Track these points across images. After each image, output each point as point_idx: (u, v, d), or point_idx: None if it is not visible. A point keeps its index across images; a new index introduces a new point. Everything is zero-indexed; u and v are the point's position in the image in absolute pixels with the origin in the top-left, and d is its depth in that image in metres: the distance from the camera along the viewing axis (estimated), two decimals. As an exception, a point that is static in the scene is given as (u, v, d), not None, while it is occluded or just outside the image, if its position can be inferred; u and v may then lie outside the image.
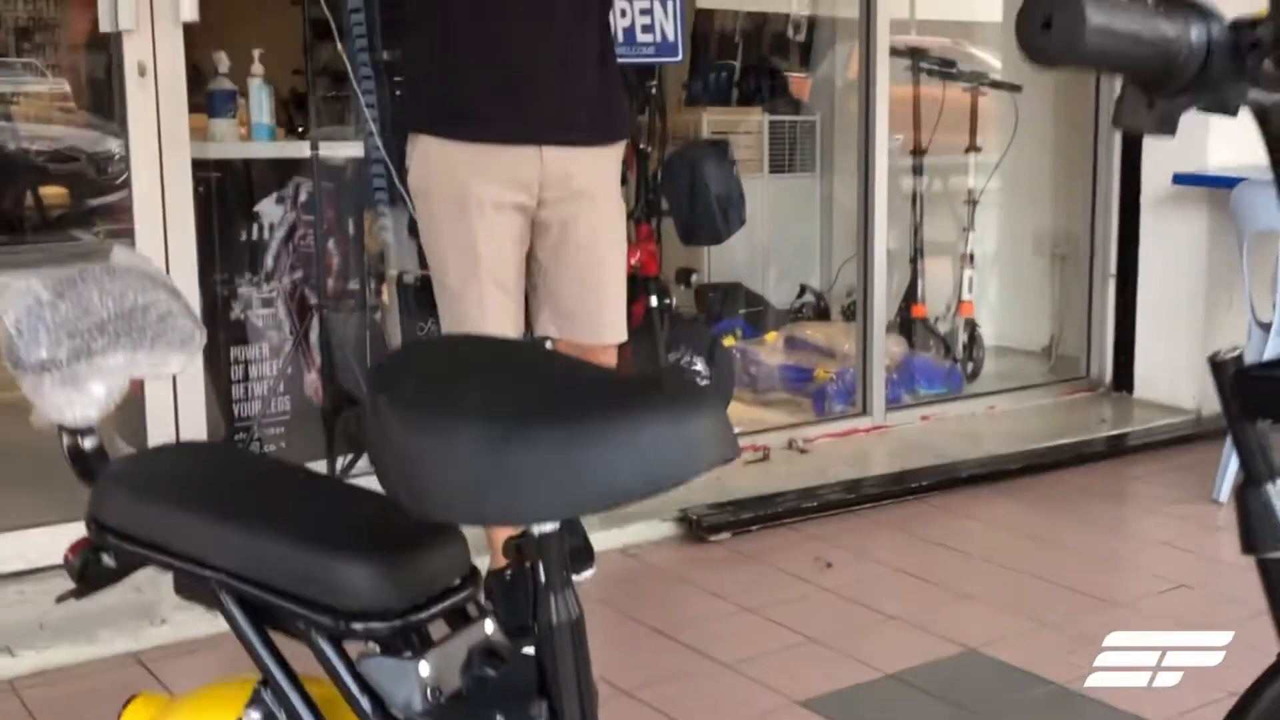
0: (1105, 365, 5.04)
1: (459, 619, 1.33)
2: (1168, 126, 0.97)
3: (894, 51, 4.87)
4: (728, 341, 4.89)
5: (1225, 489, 3.84)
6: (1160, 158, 4.65)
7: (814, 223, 5.89)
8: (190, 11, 3.12)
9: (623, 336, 2.88)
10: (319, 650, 1.28)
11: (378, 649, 1.28)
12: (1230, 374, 1.08)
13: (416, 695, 1.25)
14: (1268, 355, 3.79)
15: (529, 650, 1.24)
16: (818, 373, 4.79)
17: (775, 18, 6.75)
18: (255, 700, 1.33)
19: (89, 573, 1.41)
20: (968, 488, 4.07)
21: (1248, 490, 1.09)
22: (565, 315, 2.82)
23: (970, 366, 5.20)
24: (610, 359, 2.85)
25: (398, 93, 4.46)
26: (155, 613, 2.85)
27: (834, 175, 5.65)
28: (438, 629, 1.32)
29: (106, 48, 3.27)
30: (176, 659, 2.79)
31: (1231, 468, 3.83)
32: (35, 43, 5.44)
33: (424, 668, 1.26)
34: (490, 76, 2.68)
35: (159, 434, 3.18)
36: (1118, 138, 4.93)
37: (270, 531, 1.29)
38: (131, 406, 3.17)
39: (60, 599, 1.46)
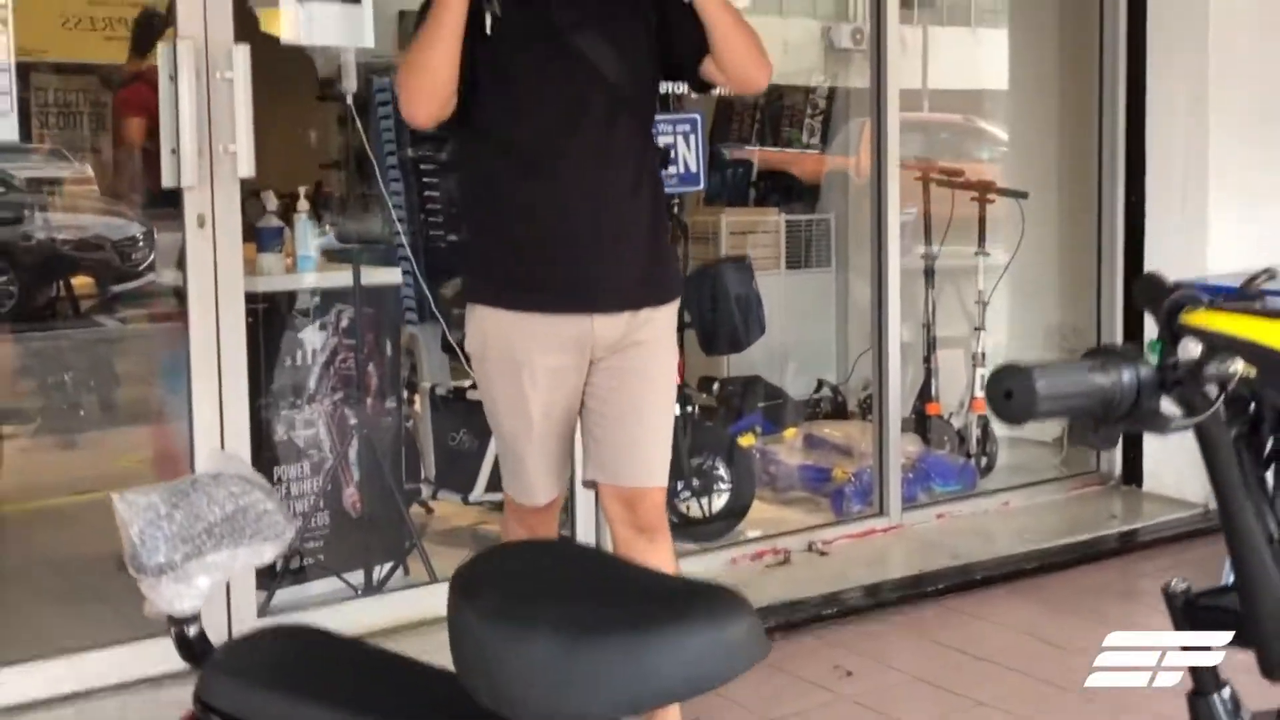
0: (1114, 459, 5.22)
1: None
2: (1110, 443, 1.18)
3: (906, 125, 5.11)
4: (747, 440, 5.07)
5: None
6: (1160, 262, 4.85)
7: (830, 317, 6.10)
8: (247, 168, 3.35)
9: (664, 481, 2.88)
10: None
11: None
12: (1180, 605, 1.27)
13: None
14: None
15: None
16: (836, 473, 4.97)
17: (792, 91, 7.01)
18: None
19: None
20: (983, 589, 4.24)
21: (1197, 700, 1.27)
22: (611, 461, 2.82)
23: (984, 461, 5.37)
24: (655, 501, 2.85)
25: (425, 193, 4.72)
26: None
27: (849, 271, 5.87)
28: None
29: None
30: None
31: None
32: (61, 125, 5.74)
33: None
34: (542, 246, 2.71)
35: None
36: (1120, 240, 5.14)
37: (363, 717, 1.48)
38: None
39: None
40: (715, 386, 5.27)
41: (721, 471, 4.68)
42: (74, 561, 4.28)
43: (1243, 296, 1.36)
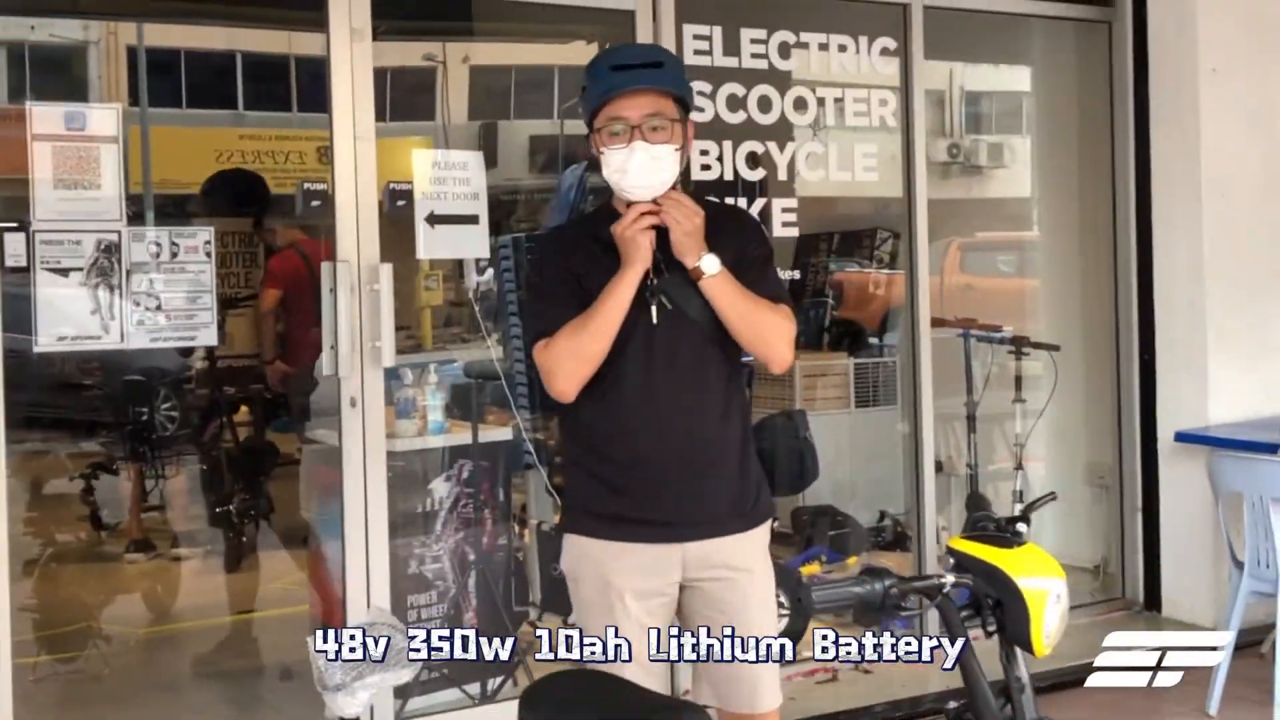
0: (1138, 587, 5.88)
1: None
2: (872, 624, 2.01)
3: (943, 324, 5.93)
4: (812, 569, 5.82)
5: (1215, 702, 4.66)
6: (1168, 413, 5.58)
7: (896, 453, 6.84)
8: (389, 360, 4.28)
9: (779, 700, 2.95)
10: None
11: None
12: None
13: None
14: (1242, 591, 4.66)
15: None
16: (886, 598, 5.69)
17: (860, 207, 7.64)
18: None
19: None
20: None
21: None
22: (721, 685, 2.90)
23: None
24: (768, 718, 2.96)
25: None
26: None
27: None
28: None
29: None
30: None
31: (1220, 683, 4.66)
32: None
33: None
34: (631, 479, 2.84)
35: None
36: (1137, 392, 5.85)
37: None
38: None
39: None
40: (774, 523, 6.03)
41: (783, 600, 5.43)
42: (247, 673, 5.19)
43: (998, 528, 2.18)
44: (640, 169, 2.84)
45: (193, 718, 4.62)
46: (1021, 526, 2.56)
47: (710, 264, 2.85)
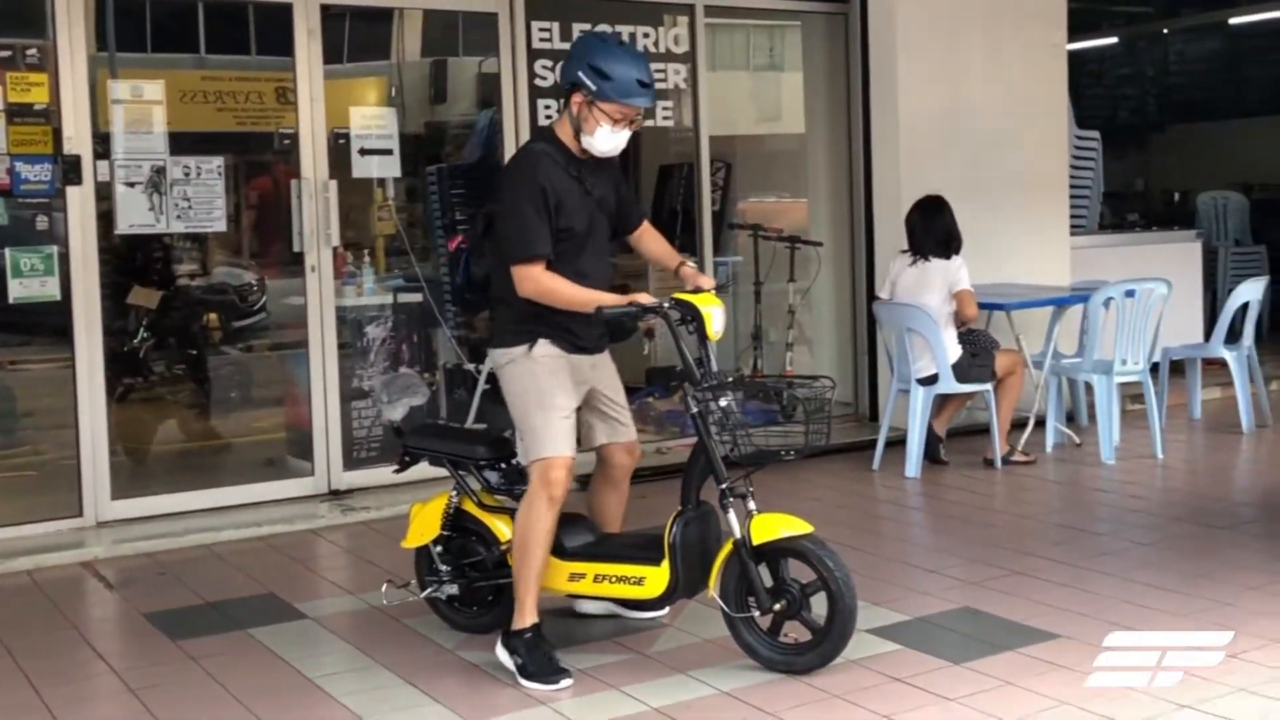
0: (865, 403, 8.47)
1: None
2: (627, 333, 4.53)
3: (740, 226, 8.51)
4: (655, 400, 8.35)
5: (877, 461, 7.27)
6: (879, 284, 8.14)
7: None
8: (336, 241, 6.80)
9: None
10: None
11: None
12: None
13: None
14: (892, 390, 7.27)
15: None
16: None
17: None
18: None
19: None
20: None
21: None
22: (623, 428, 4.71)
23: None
24: None
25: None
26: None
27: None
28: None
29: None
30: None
31: (879, 452, 7.27)
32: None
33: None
34: (573, 322, 4.42)
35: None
36: (865, 267, 8.39)
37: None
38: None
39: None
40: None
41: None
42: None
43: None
44: (619, 144, 4.42)
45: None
46: (719, 292, 4.53)
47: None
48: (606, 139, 4.39)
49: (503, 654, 4.35)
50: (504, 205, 4.42)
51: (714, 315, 4.40)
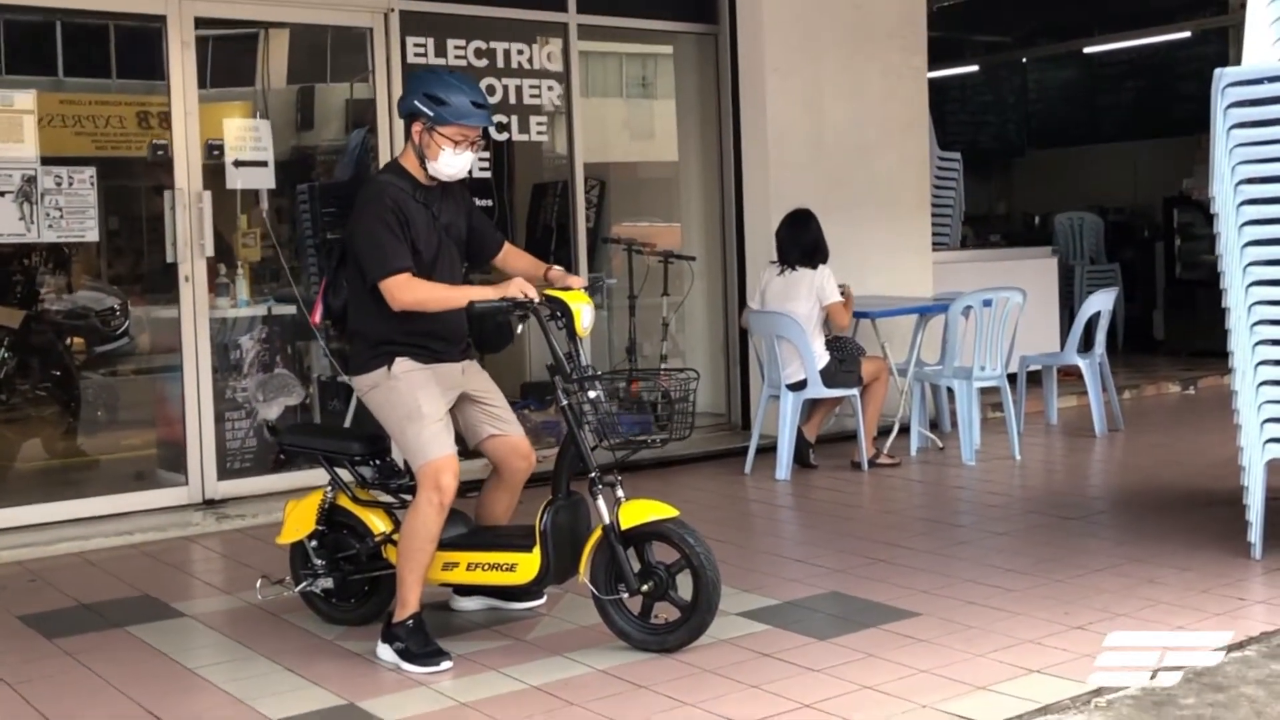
0: (737, 412, 8.66)
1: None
2: (504, 341, 4.61)
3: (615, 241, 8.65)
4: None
5: (749, 465, 7.46)
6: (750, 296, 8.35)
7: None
8: (210, 252, 6.80)
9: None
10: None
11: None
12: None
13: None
14: (763, 396, 7.46)
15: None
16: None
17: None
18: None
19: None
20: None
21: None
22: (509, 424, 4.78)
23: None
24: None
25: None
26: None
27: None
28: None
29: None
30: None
31: (750, 458, 7.46)
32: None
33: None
34: (438, 332, 4.55)
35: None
36: (736, 281, 8.61)
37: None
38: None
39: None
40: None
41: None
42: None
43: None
44: (464, 165, 4.54)
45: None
46: (589, 291, 4.65)
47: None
48: (451, 162, 4.51)
49: (383, 649, 4.42)
50: (358, 231, 4.50)
51: (583, 311, 4.54)
